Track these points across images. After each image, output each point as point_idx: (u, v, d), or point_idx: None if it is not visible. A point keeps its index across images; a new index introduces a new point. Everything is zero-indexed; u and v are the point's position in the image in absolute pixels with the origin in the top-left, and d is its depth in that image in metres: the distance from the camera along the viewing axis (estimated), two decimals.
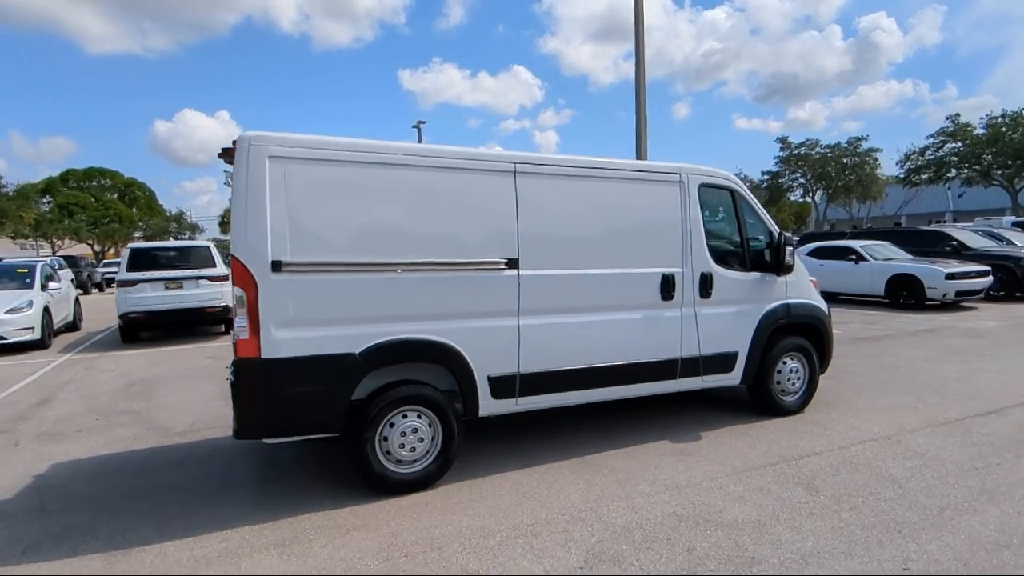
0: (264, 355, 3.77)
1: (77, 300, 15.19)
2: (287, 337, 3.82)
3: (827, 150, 43.18)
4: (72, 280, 22.62)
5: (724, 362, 5.33)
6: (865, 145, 42.55)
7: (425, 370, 4.30)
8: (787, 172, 45.54)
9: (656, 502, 3.93)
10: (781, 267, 5.40)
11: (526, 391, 4.55)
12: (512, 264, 4.43)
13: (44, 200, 46.51)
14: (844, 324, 11.21)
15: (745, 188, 5.58)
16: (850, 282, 13.89)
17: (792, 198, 49.40)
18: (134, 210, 57.81)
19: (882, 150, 42.80)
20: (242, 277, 3.72)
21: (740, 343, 5.37)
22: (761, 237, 5.58)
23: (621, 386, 4.95)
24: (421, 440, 4.22)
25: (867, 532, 3.44)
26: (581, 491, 4.14)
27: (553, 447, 4.97)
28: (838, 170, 42.69)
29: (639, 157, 14.84)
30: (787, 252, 5.33)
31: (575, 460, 4.71)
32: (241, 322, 3.74)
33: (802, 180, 45.37)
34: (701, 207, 5.22)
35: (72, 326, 14.20)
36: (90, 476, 4.79)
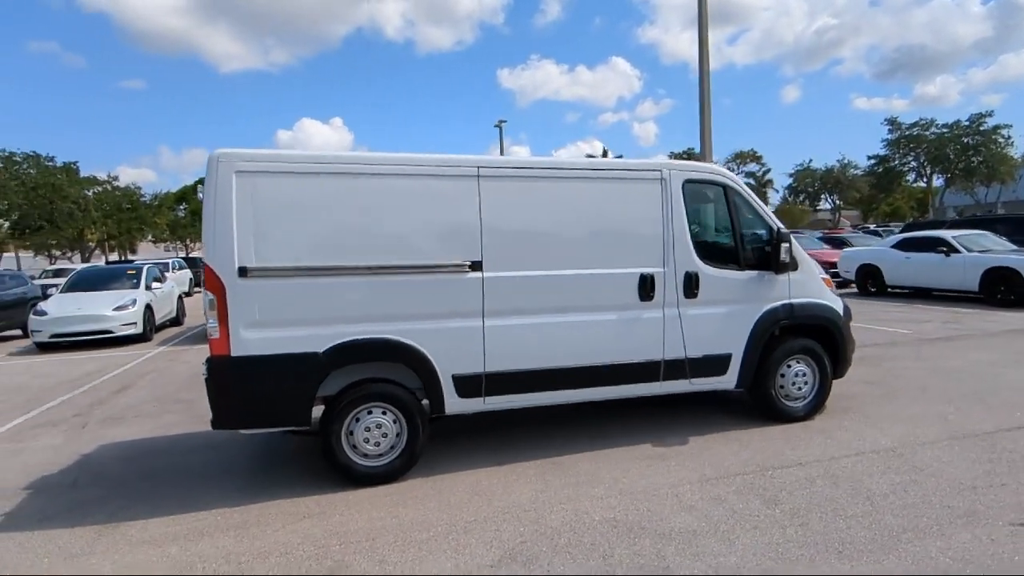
0: (234, 353, 4.13)
1: (180, 298, 16.86)
2: (254, 337, 4.16)
3: (944, 130, 38.86)
4: (191, 279, 25.28)
5: (715, 364, 5.12)
6: (990, 122, 37.96)
7: (394, 369, 4.51)
8: (897, 155, 41.51)
9: (601, 506, 3.90)
10: (777, 265, 5.09)
11: (493, 391, 4.64)
12: (476, 266, 4.53)
13: (181, 207, 51.64)
14: (920, 323, 10.25)
15: (741, 183, 5.30)
16: (941, 276, 12.59)
17: (908, 182, 45.02)
18: None
19: (1012, 126, 37.69)
20: (212, 282, 4.10)
21: (734, 345, 5.14)
22: (759, 234, 5.29)
23: (599, 387, 4.90)
24: (385, 435, 4.44)
25: (803, 551, 3.24)
26: (534, 491, 4.19)
27: (531, 447, 5.02)
28: (957, 151, 38.32)
29: (702, 149, 14.28)
30: (782, 250, 5.02)
31: (546, 460, 4.74)
32: (212, 323, 4.12)
33: (914, 163, 41.23)
34: (687, 204, 5.04)
35: (175, 321, 15.81)
36: (124, 457, 5.43)
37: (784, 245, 5.00)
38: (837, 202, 54.49)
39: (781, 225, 5.27)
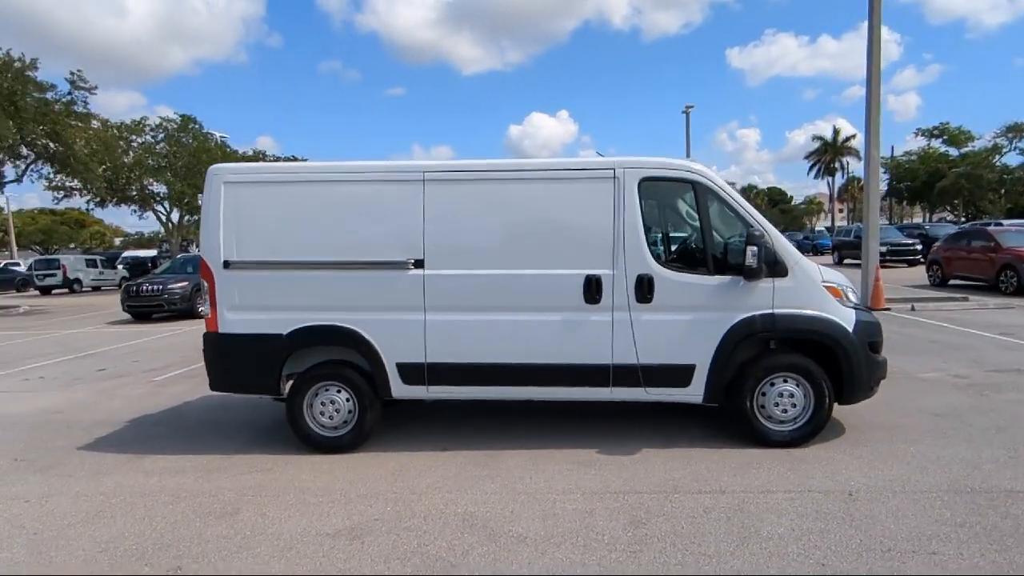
0: (220, 330, 5.06)
1: None
2: (235, 318, 5.04)
3: None
4: None
5: (674, 375, 4.77)
6: None
7: (349, 354, 5.08)
8: None
9: (474, 501, 4.03)
10: (745, 271, 4.53)
11: (435, 380, 4.95)
12: (419, 264, 4.87)
13: None
14: None
15: (716, 180, 4.77)
16: None
17: None
18: None
19: None
20: (205, 272, 5.06)
21: (698, 355, 4.72)
22: (736, 236, 4.75)
23: (543, 387, 4.92)
24: (338, 411, 5.04)
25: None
26: (441, 479, 4.44)
27: (484, 439, 5.23)
28: None
29: (868, 127, 12.33)
30: (749, 254, 4.45)
31: (484, 452, 4.92)
32: (206, 305, 5.09)
33: None
34: (643, 204, 4.74)
35: None
36: (192, 408, 6.79)
37: (752, 249, 4.44)
38: None
39: (766, 227, 4.67)
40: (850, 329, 4.68)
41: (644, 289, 4.71)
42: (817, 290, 4.70)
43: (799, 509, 3.72)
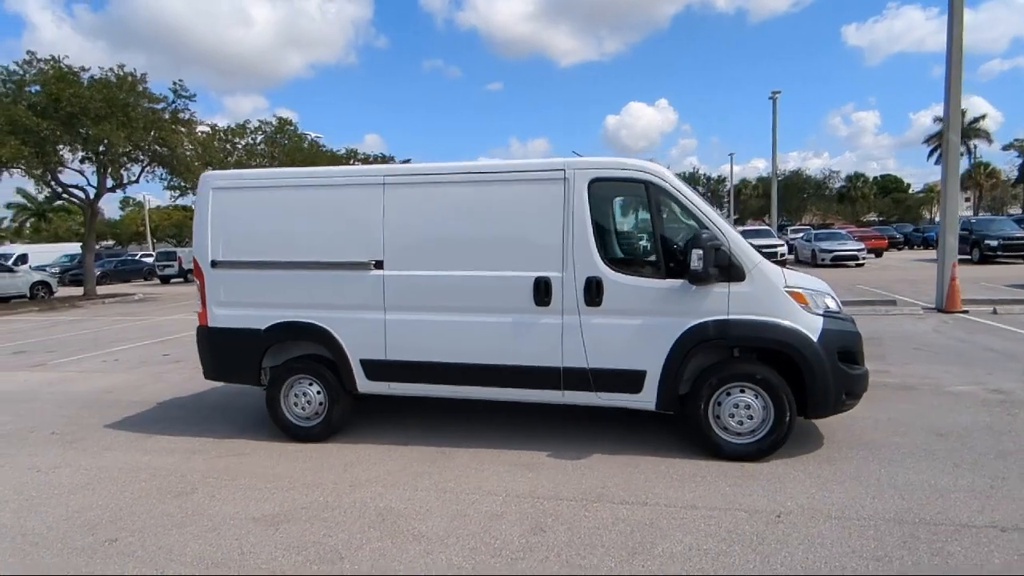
0: (210, 324, 5.52)
1: None
2: (222, 313, 5.47)
3: None
4: None
5: (625, 380, 4.64)
6: None
7: (320, 349, 5.36)
8: None
9: (400, 497, 4.16)
10: (690, 274, 4.31)
11: (395, 377, 5.13)
12: (379, 265, 5.05)
13: None
14: None
15: (671, 179, 4.56)
16: None
17: None
18: None
19: None
20: (197, 270, 5.52)
21: (649, 361, 4.57)
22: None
23: (497, 388, 4.97)
24: (309, 403, 5.34)
25: None
26: (385, 473, 4.61)
27: (446, 435, 5.35)
28: None
29: (947, 120, 11.14)
30: (693, 257, 4.22)
31: (439, 449, 5.05)
32: (198, 301, 5.56)
33: None
34: (593, 205, 4.63)
35: None
36: (214, 394, 7.34)
37: (696, 251, 4.22)
38: None
39: (722, 228, 4.43)
40: (814, 337, 4.35)
41: (593, 292, 4.62)
42: (777, 295, 4.40)
43: (711, 528, 3.54)
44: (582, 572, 3.15)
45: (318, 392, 5.34)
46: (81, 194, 23.01)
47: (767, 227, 31.72)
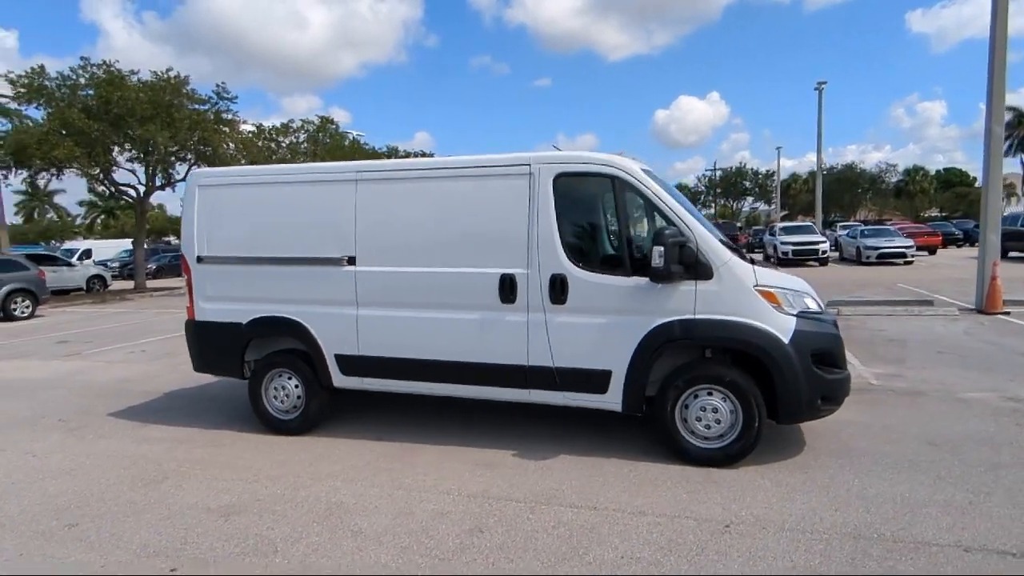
0: (196, 318, 5.68)
1: None
2: (208, 307, 5.62)
3: None
4: None
5: (590, 380, 4.53)
6: None
7: (297, 343, 5.43)
8: None
9: (354, 492, 4.17)
10: (651, 272, 4.15)
11: (368, 372, 5.15)
12: (351, 261, 5.08)
13: None
14: None
15: (639, 175, 4.38)
16: None
17: None
18: None
19: None
20: (184, 266, 5.68)
21: (614, 361, 4.44)
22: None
23: (465, 385, 4.93)
24: (288, 396, 5.43)
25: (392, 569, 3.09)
26: (344, 466, 4.64)
27: (427, 430, 5.37)
28: None
29: (990, 110, 10.43)
30: (655, 254, 4.06)
31: (405, 445, 5.05)
32: (187, 296, 5.72)
33: None
34: (559, 200, 4.52)
35: None
36: (220, 385, 7.53)
37: (658, 248, 4.06)
38: None
39: (689, 224, 4.25)
40: (785, 339, 4.13)
41: (558, 289, 4.52)
42: (746, 294, 4.19)
43: (653, 536, 3.41)
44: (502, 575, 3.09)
45: (296, 386, 5.42)
46: (133, 192, 24.12)
47: (809, 223, 30.51)
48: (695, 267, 4.20)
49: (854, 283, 16.52)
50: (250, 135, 29.66)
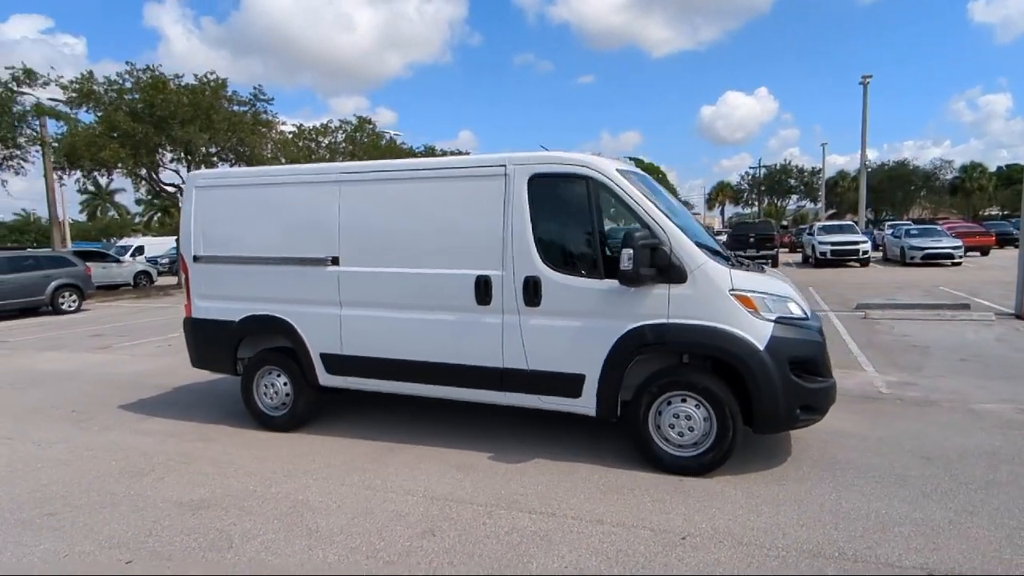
0: (193, 316, 5.84)
1: None
2: (203, 305, 5.77)
3: None
4: None
5: (564, 384, 4.45)
6: None
7: (285, 341, 5.51)
8: None
9: (322, 491, 4.21)
10: (619, 275, 4.04)
11: (351, 371, 5.20)
12: (335, 261, 5.13)
13: None
14: None
15: (615, 176, 4.27)
16: None
17: None
18: None
19: None
20: (182, 264, 5.85)
21: (587, 365, 4.35)
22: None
23: (442, 386, 4.93)
24: (277, 394, 5.53)
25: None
26: (321, 465, 4.69)
27: (412, 431, 5.37)
28: None
29: None
30: (624, 256, 3.95)
31: (391, 445, 5.07)
32: (185, 294, 5.89)
33: None
34: (533, 201, 4.45)
35: None
36: (228, 381, 7.71)
37: (627, 251, 3.94)
38: None
39: (664, 226, 4.12)
40: (760, 345, 3.97)
41: (531, 292, 4.46)
42: (720, 299, 4.05)
43: (603, 546, 3.33)
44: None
45: (285, 384, 5.51)
46: (176, 192, 25.04)
47: (851, 222, 29.36)
48: (668, 270, 4.08)
49: (892, 285, 15.83)
50: (290, 136, 30.41)
